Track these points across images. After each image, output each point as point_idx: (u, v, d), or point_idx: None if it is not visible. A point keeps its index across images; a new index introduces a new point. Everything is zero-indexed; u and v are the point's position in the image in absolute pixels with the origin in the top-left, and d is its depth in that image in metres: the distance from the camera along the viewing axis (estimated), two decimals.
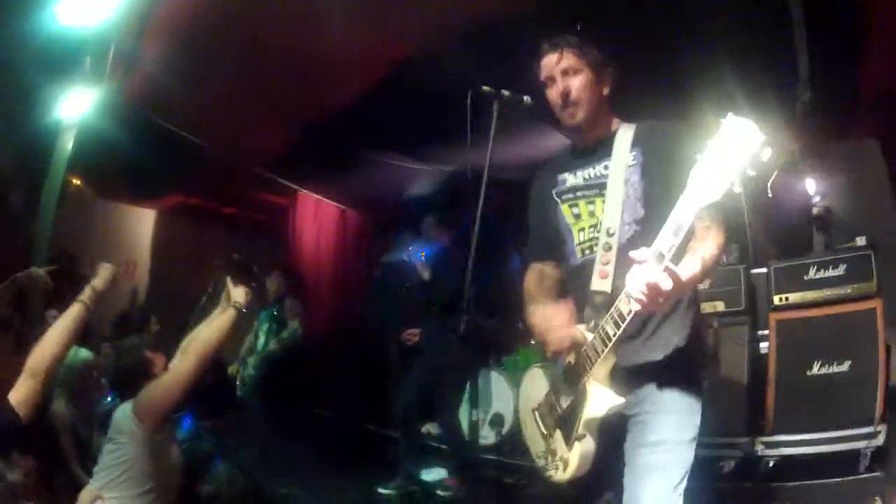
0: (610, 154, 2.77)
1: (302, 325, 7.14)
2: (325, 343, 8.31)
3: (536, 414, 2.94)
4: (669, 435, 2.57)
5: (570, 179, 2.91)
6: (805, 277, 5.23)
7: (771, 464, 5.47)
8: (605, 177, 2.76)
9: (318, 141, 6.90)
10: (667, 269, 2.15)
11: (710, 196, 2.12)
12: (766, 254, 5.74)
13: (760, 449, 5.19)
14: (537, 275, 3.03)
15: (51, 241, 5.42)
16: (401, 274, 6.64)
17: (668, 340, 2.66)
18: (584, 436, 2.58)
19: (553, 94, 2.82)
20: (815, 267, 5.21)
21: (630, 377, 2.62)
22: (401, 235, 7.14)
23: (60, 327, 3.24)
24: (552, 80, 2.81)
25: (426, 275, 6.32)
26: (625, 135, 2.79)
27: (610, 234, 2.67)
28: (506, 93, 3.09)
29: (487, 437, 7.26)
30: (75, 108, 5.31)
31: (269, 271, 7.28)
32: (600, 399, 2.55)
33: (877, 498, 4.73)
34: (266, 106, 6.30)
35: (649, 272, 2.17)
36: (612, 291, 2.58)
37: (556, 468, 2.71)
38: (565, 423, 2.70)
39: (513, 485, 6.47)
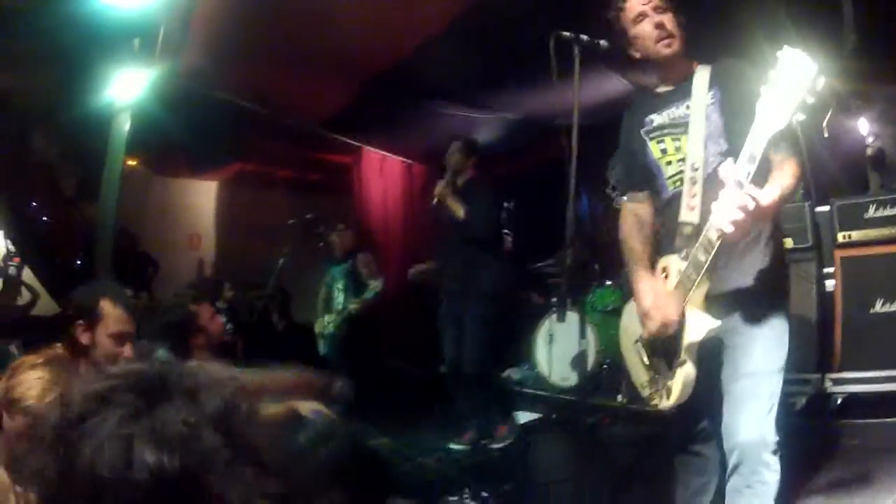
0: (690, 94, 2.93)
1: (382, 284, 7.16)
2: (400, 298, 8.38)
3: (639, 345, 3.07)
4: (762, 365, 2.76)
5: (657, 119, 3.05)
6: (865, 216, 5.25)
7: (839, 401, 5.39)
8: (688, 115, 2.92)
9: (378, 96, 6.88)
10: (748, 193, 2.34)
11: (777, 124, 2.34)
12: (826, 193, 5.70)
13: (829, 385, 5.24)
14: (634, 220, 3.17)
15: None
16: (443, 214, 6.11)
17: (753, 267, 2.83)
18: (685, 361, 2.76)
19: (647, 27, 2.94)
20: (875, 206, 5.22)
21: (723, 303, 2.78)
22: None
23: None
24: (644, 15, 2.94)
25: (460, 212, 5.76)
26: (702, 75, 2.95)
27: (695, 169, 2.84)
28: (584, 37, 3.35)
29: (568, 378, 7.29)
30: (128, 89, 5.35)
31: (335, 227, 7.33)
32: (698, 323, 2.72)
33: None
34: (322, 66, 6.29)
35: (733, 197, 2.36)
36: (699, 221, 2.75)
37: (661, 396, 2.93)
38: (667, 350, 2.88)
39: (594, 424, 6.49)
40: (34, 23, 4.56)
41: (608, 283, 7.69)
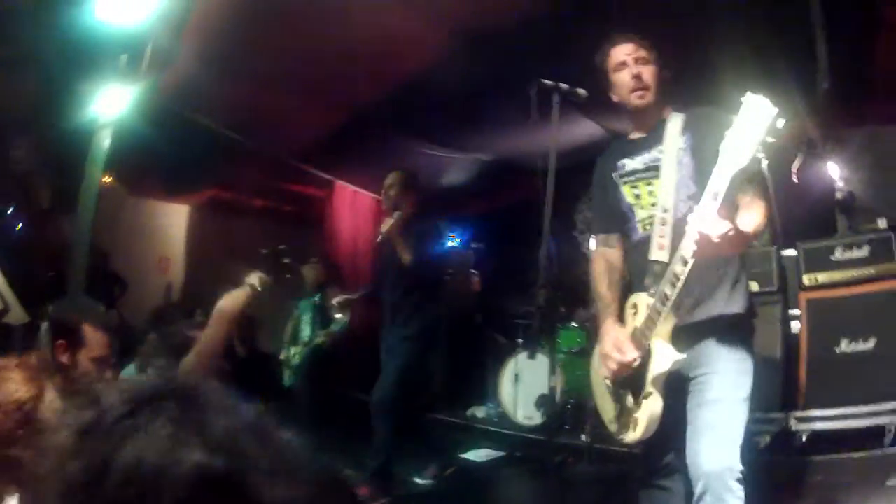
0: (662, 140, 3.09)
1: (348, 317, 7.11)
2: (367, 332, 8.35)
3: (607, 381, 3.19)
4: (726, 394, 2.85)
5: (629, 164, 3.22)
6: (832, 258, 5.40)
7: (804, 438, 5.50)
8: (661, 160, 3.08)
9: (353, 131, 6.92)
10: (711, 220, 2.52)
11: (738, 162, 2.47)
12: (793, 237, 5.85)
13: (794, 423, 5.32)
14: (605, 266, 3.32)
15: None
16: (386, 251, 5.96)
17: (719, 303, 2.99)
18: (650, 393, 2.90)
19: (625, 77, 3.13)
20: (842, 248, 5.36)
21: (689, 336, 2.91)
22: None
23: None
24: (624, 65, 3.14)
25: (406, 257, 5.55)
26: (675, 122, 3.11)
27: (665, 211, 2.99)
28: (564, 86, 3.46)
29: (533, 417, 7.33)
30: (111, 105, 5.32)
31: (307, 260, 7.32)
32: (664, 355, 2.86)
33: None
34: (304, 95, 6.32)
35: (699, 225, 2.53)
36: (668, 261, 2.85)
37: (627, 429, 3.05)
38: (633, 384, 3.01)
39: (561, 463, 6.51)
40: (21, 29, 4.55)
41: (573, 324, 7.74)
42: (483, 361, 8.25)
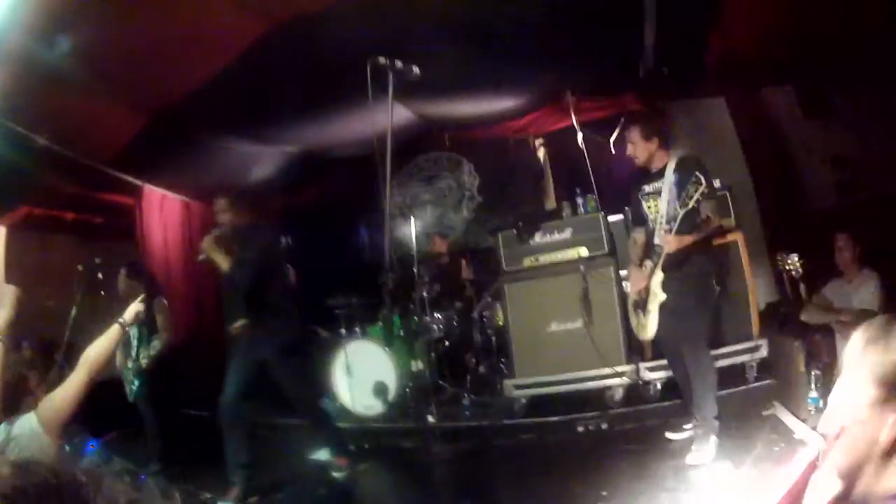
0: (663, 175, 5.17)
1: (168, 334, 6.70)
2: (188, 343, 7.98)
3: (633, 305, 5.50)
4: (679, 308, 5.14)
5: (646, 188, 5.35)
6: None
7: (659, 385, 5.99)
8: (661, 188, 5.16)
9: (160, 132, 6.51)
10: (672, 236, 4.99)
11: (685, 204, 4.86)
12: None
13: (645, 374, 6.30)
14: (632, 242, 5.61)
15: None
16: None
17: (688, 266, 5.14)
18: (651, 311, 5.21)
19: (630, 150, 5.38)
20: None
21: (668, 282, 5.12)
22: None
23: None
24: (631, 142, 5.35)
25: (224, 265, 5.54)
26: (671, 163, 5.17)
27: (662, 217, 5.09)
28: (399, 63, 3.48)
29: (373, 406, 7.31)
30: None
31: (117, 275, 6.83)
32: (658, 289, 5.15)
33: (774, 403, 5.37)
34: (107, 99, 5.87)
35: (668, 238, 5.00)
36: (663, 244, 5.06)
37: (644, 330, 5.34)
38: (644, 306, 5.29)
39: (412, 448, 6.53)
40: None
41: (396, 310, 7.77)
42: (309, 357, 7.99)
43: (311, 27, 5.22)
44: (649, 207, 5.31)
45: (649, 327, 5.24)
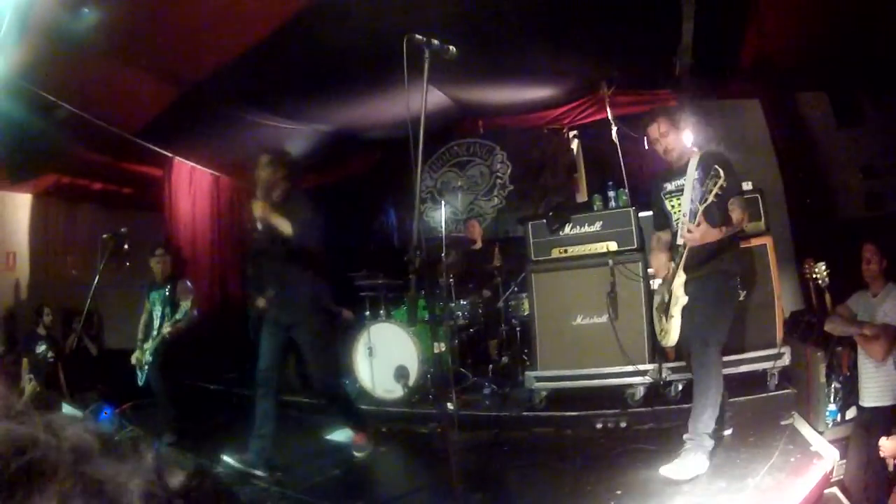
0: (685, 172, 4.84)
1: (195, 306, 6.71)
2: (213, 317, 8.01)
3: (657, 311, 5.13)
4: (706, 313, 4.78)
5: (668, 186, 5.08)
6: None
7: (680, 387, 5.89)
8: (683, 185, 4.86)
9: (192, 105, 6.52)
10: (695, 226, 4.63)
11: (704, 198, 4.61)
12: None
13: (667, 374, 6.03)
14: (657, 238, 5.26)
15: None
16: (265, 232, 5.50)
17: (710, 266, 4.83)
18: (673, 316, 4.85)
19: (659, 148, 5.01)
20: None
21: (690, 284, 4.80)
22: None
23: None
24: (656, 140, 4.99)
25: (287, 229, 5.23)
26: (694, 160, 4.83)
27: (684, 216, 4.77)
28: (435, 42, 3.36)
29: (393, 390, 7.29)
30: None
31: (153, 252, 6.85)
32: (679, 291, 4.82)
33: (793, 413, 5.25)
34: (140, 71, 5.87)
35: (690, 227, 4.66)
36: (686, 238, 4.75)
37: (666, 338, 4.95)
38: (667, 311, 4.91)
39: (428, 434, 6.51)
40: None
41: (422, 293, 7.71)
42: (334, 334, 7.98)
43: (347, 5, 5.18)
44: (672, 206, 5.01)
45: (672, 333, 4.85)
